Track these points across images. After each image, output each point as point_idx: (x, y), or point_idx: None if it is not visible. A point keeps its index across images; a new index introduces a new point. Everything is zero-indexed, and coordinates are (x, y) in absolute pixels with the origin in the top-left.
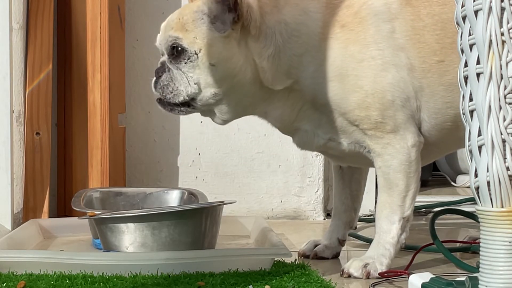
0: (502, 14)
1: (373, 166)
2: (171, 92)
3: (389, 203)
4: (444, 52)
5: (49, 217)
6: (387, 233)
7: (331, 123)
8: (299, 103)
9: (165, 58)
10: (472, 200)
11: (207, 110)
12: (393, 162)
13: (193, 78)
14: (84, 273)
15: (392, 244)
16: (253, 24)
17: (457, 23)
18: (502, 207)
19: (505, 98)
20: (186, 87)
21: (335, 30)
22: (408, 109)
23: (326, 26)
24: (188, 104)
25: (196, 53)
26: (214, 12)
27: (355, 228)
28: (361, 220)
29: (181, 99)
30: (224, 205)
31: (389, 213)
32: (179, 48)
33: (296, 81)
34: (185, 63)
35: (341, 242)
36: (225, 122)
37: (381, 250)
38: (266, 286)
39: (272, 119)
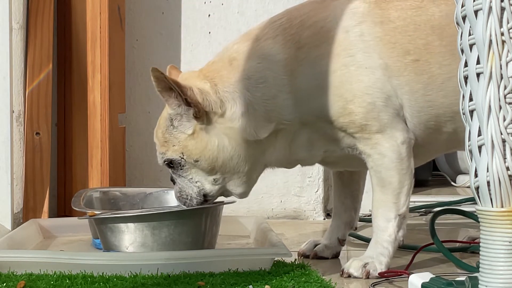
0: (502, 14)
1: (366, 168)
2: (186, 199)
3: (383, 201)
4: (418, 52)
5: (49, 217)
6: (384, 231)
7: (321, 138)
8: (289, 138)
9: (170, 171)
10: (472, 200)
11: (224, 192)
12: (383, 161)
13: (193, 179)
14: (84, 273)
15: (390, 242)
16: (216, 106)
17: (457, 23)
18: (502, 207)
19: (505, 98)
20: (192, 189)
21: (301, 56)
22: (391, 108)
23: (290, 61)
24: (205, 200)
25: (181, 158)
26: (178, 113)
27: (356, 228)
28: (361, 220)
29: (195, 202)
30: (224, 205)
31: (384, 211)
32: (169, 161)
33: (279, 122)
34: (181, 169)
35: (341, 242)
36: (242, 195)
37: (380, 249)
38: (266, 286)
39: (273, 165)
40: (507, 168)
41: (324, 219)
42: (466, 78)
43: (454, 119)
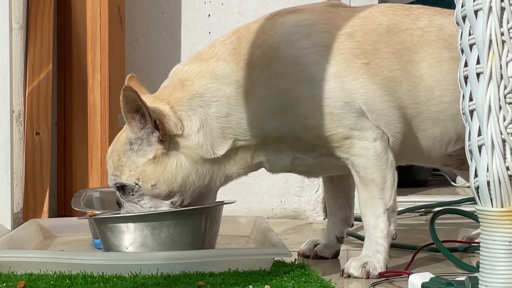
0: (502, 14)
1: (339, 172)
2: None
3: (369, 198)
4: (367, 56)
5: (49, 217)
6: (376, 228)
7: (290, 147)
8: (250, 151)
9: (118, 193)
10: (472, 200)
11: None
12: (360, 161)
13: (146, 205)
14: (84, 273)
15: (383, 237)
16: (176, 128)
17: (457, 23)
18: (502, 207)
19: (505, 98)
20: None
21: (254, 77)
22: (353, 112)
23: (243, 82)
24: None
25: (136, 184)
26: (139, 137)
27: (352, 225)
28: (359, 219)
29: None
30: (224, 205)
31: (372, 208)
32: (122, 185)
33: (236, 139)
34: (132, 195)
35: (340, 240)
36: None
37: (375, 246)
38: (266, 286)
39: (235, 177)
40: (507, 168)
41: (324, 219)
42: (466, 78)
43: (411, 124)
